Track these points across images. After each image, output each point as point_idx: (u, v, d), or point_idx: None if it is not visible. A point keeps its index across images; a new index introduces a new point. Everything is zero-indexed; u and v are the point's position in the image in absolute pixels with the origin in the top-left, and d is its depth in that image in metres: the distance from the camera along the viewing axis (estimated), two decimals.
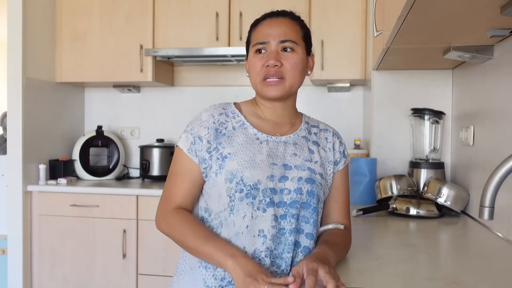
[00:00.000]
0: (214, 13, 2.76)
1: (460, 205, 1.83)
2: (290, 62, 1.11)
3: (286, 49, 1.12)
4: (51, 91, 2.98)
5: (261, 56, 1.13)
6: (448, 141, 2.21)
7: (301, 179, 1.11)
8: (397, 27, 1.32)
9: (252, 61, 1.15)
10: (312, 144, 1.19)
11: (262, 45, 1.12)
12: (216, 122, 1.13)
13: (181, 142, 1.14)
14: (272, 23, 1.14)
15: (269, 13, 1.17)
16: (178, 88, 3.26)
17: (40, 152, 2.86)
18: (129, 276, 2.67)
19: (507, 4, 1.06)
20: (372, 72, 2.33)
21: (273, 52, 1.11)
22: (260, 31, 1.14)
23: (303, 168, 1.13)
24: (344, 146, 1.25)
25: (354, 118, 3.04)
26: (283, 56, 1.11)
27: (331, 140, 1.22)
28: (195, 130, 1.13)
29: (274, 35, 1.12)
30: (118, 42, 2.92)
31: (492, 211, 0.84)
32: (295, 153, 1.15)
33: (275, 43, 1.11)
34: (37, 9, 2.83)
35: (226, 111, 1.17)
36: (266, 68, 1.11)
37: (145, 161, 3.01)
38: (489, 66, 1.67)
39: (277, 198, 1.08)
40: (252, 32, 1.18)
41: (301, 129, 1.21)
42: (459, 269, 1.17)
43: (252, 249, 1.05)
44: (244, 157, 1.09)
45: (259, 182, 1.07)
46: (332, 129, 1.25)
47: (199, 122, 1.14)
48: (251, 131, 1.14)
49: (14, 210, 2.71)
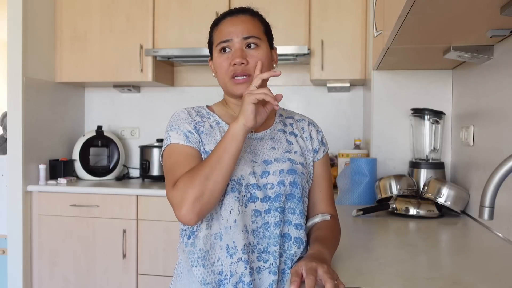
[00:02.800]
0: (214, 13, 2.76)
1: (460, 205, 1.83)
2: (255, 59, 1.12)
3: (250, 45, 1.13)
4: (51, 91, 2.98)
5: (226, 55, 1.13)
6: (448, 141, 2.21)
7: (283, 171, 1.12)
8: (397, 27, 1.32)
9: (218, 61, 1.15)
10: (289, 135, 1.21)
11: (226, 43, 1.13)
12: (193, 121, 1.15)
13: (173, 138, 1.12)
14: (233, 21, 1.14)
15: (229, 11, 1.18)
16: (178, 88, 3.27)
17: (40, 152, 2.86)
18: (129, 276, 2.67)
19: (507, 4, 1.06)
20: (372, 72, 2.33)
21: (238, 50, 1.12)
22: (222, 30, 1.15)
23: (283, 160, 1.14)
24: (322, 134, 1.26)
25: (354, 118, 3.04)
26: (248, 54, 1.12)
27: (307, 130, 1.24)
28: (182, 127, 1.13)
29: (236, 32, 1.12)
30: (118, 42, 2.92)
31: (492, 211, 0.84)
32: (273, 147, 1.17)
33: (238, 40, 1.12)
34: (37, 9, 2.83)
35: (200, 112, 1.19)
36: (233, 66, 1.12)
37: (145, 161, 3.01)
38: (489, 66, 1.67)
39: (261, 193, 1.10)
40: (214, 32, 1.18)
41: (276, 122, 1.22)
42: (459, 269, 1.17)
43: (241, 244, 1.06)
44: None
45: (242, 177, 1.09)
46: (307, 119, 1.27)
47: (180, 120, 1.15)
48: (226, 128, 1.15)
49: (14, 210, 2.71)
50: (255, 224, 1.09)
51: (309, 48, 2.69)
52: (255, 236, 1.09)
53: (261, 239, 1.09)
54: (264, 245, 1.09)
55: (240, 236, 1.06)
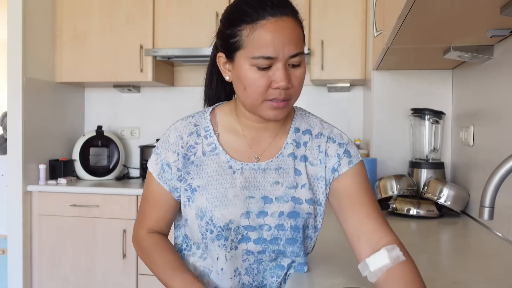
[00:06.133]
0: (214, 13, 2.76)
1: (460, 205, 1.83)
2: (298, 80, 0.93)
3: (294, 64, 0.91)
4: (51, 91, 2.98)
5: (264, 73, 0.89)
6: (448, 141, 2.21)
7: (283, 214, 0.96)
8: (397, 27, 1.32)
9: (250, 75, 0.90)
10: (299, 161, 1.01)
11: (268, 61, 0.88)
12: (184, 146, 0.99)
13: (151, 165, 1.02)
14: (277, 27, 0.87)
15: (268, 4, 0.88)
16: (178, 88, 3.26)
17: (40, 152, 2.86)
18: (129, 276, 2.67)
19: (507, 4, 1.06)
20: (372, 72, 2.33)
21: (282, 72, 0.89)
22: (263, 38, 0.87)
23: (286, 199, 0.97)
24: (345, 147, 1.01)
25: (354, 118, 3.04)
26: (291, 74, 0.91)
27: (323, 149, 1.01)
28: (163, 156, 1.00)
29: (283, 48, 0.88)
30: (118, 42, 2.92)
31: (492, 211, 0.84)
32: (277, 181, 0.98)
33: (284, 58, 0.89)
34: (37, 9, 2.83)
35: (198, 128, 1.01)
36: (274, 90, 0.90)
37: (145, 161, 3.01)
38: (489, 66, 1.67)
39: (256, 234, 0.97)
40: (246, 32, 0.89)
41: (287, 144, 1.01)
42: (459, 269, 1.17)
43: None
44: (214, 192, 0.96)
45: (231, 221, 0.95)
46: (327, 132, 1.03)
47: (166, 145, 1.01)
48: (223, 157, 0.99)
49: (14, 210, 2.71)
50: (247, 262, 1.00)
51: (309, 48, 2.69)
52: (249, 275, 1.01)
53: (256, 275, 1.02)
54: (260, 280, 1.02)
55: (228, 284, 1.00)
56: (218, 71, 1.04)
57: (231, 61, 0.94)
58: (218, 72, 1.05)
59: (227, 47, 0.94)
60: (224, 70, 0.98)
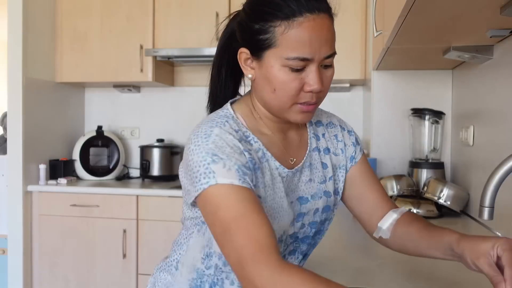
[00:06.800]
0: (214, 13, 2.76)
1: (459, 205, 1.83)
2: (329, 80, 0.86)
3: (326, 65, 0.85)
4: (51, 91, 2.98)
5: (296, 75, 0.81)
6: (448, 141, 2.21)
7: (318, 211, 0.94)
8: (397, 27, 1.32)
9: (283, 78, 0.81)
10: (324, 154, 0.98)
11: (304, 63, 0.81)
12: (246, 150, 0.84)
13: (220, 174, 0.77)
14: (316, 26, 0.80)
15: (305, 0, 0.79)
16: (178, 88, 3.26)
17: (40, 152, 2.86)
18: (129, 276, 2.67)
19: (507, 4, 1.06)
20: (372, 72, 2.33)
21: (316, 74, 0.82)
22: (301, 37, 0.79)
23: (319, 195, 0.94)
24: (354, 134, 1.04)
25: (354, 118, 3.03)
26: (323, 76, 0.84)
27: (341, 138, 1.01)
28: (235, 158, 0.80)
29: (319, 48, 0.81)
30: (118, 42, 2.92)
31: (492, 211, 0.84)
32: (310, 178, 0.94)
33: (318, 59, 0.82)
34: (37, 9, 2.83)
35: (239, 133, 0.86)
36: (307, 93, 0.83)
37: (145, 161, 3.01)
38: (489, 66, 1.67)
39: (295, 239, 0.94)
40: (283, 30, 0.79)
41: (310, 138, 0.97)
42: (459, 269, 1.17)
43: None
44: (272, 204, 0.86)
45: (284, 233, 0.89)
46: (336, 120, 1.04)
47: (228, 149, 0.80)
48: (272, 164, 0.88)
49: (14, 210, 2.71)
50: None
51: None
52: None
53: None
54: None
55: None
56: (228, 65, 0.95)
57: (257, 59, 0.85)
58: (227, 67, 0.95)
59: (254, 43, 0.83)
60: (246, 67, 0.87)
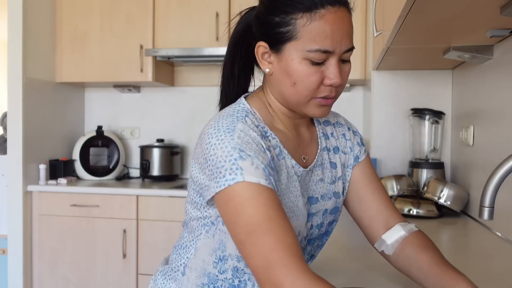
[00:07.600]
0: (214, 13, 2.76)
1: (460, 205, 1.83)
2: (347, 75, 0.86)
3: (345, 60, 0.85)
4: (51, 91, 2.98)
5: (317, 68, 0.81)
6: (448, 141, 2.21)
7: (326, 211, 0.92)
8: (397, 27, 1.32)
9: (303, 71, 0.80)
10: (333, 153, 0.96)
11: (325, 55, 0.80)
12: (267, 149, 0.81)
13: (248, 172, 0.74)
14: (337, 19, 0.81)
15: None
16: (178, 88, 3.26)
17: (40, 152, 2.86)
18: (129, 276, 2.67)
19: (507, 4, 1.06)
20: (372, 72, 2.33)
21: (336, 67, 0.81)
22: (323, 29, 0.79)
23: (329, 195, 0.92)
24: (359, 135, 1.03)
25: (354, 118, 3.02)
26: (342, 71, 0.83)
27: (349, 137, 0.99)
28: (261, 157, 0.77)
29: (341, 41, 0.81)
30: (118, 42, 2.92)
31: (492, 211, 0.84)
32: (321, 178, 0.92)
33: (340, 52, 0.82)
34: (37, 9, 2.83)
35: (259, 128, 0.84)
36: (327, 87, 0.82)
37: (145, 161, 3.01)
38: (489, 66, 1.67)
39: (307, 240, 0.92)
40: (305, 22, 0.79)
41: (320, 137, 0.95)
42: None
43: None
44: (288, 203, 0.84)
45: (299, 233, 0.87)
46: (343, 121, 1.02)
47: (253, 146, 0.78)
48: (289, 162, 0.86)
49: (14, 210, 2.71)
50: None
51: None
52: None
53: None
54: None
55: None
56: (240, 61, 0.92)
57: (276, 53, 0.83)
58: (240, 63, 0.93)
59: (273, 36, 0.82)
60: (263, 62, 0.86)
